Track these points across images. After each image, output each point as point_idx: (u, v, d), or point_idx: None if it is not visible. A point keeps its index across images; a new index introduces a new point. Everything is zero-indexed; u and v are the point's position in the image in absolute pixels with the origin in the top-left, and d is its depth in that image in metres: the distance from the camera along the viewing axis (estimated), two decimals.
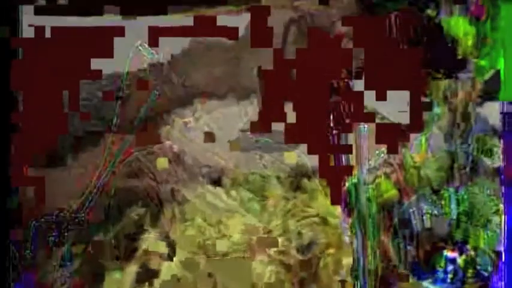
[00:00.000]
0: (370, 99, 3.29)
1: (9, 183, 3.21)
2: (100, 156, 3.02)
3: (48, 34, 3.27)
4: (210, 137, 2.48)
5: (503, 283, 3.22)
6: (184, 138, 2.50)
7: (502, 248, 3.23)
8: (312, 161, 3.05)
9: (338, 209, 3.00)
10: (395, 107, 3.29)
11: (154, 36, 3.19)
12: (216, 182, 2.52)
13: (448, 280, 3.21)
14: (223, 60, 2.84)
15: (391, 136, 3.28)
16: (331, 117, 3.27)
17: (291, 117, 3.25)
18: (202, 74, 2.79)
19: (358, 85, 3.30)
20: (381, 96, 3.28)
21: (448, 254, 3.23)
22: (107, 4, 3.27)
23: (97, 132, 3.25)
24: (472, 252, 3.23)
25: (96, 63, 3.25)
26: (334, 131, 3.25)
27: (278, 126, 3.12)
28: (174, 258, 2.42)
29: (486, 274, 3.23)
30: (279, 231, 2.48)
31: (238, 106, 2.53)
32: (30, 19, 3.28)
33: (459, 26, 3.30)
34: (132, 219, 2.45)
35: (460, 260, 3.22)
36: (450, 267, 3.21)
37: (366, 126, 2.97)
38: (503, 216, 3.24)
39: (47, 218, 2.57)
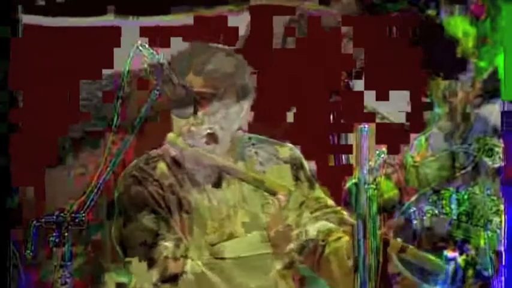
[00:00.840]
0: (370, 99, 3.29)
1: (9, 183, 3.20)
2: (100, 156, 3.00)
3: (48, 34, 3.26)
4: (212, 138, 2.45)
5: (503, 283, 3.22)
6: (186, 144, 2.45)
7: (502, 248, 3.23)
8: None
9: None
10: (395, 107, 3.29)
11: (154, 36, 3.19)
12: (217, 182, 2.50)
13: (448, 280, 3.21)
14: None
15: (392, 136, 3.27)
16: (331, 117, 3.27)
17: (289, 117, 3.25)
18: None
19: (358, 85, 3.30)
20: (381, 96, 3.28)
21: (448, 254, 3.22)
22: (107, 4, 3.27)
23: (97, 132, 3.24)
24: (473, 252, 3.23)
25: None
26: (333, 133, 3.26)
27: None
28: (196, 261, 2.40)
29: (486, 274, 3.22)
30: (295, 225, 2.46)
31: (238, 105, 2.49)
32: (30, 19, 3.28)
33: (459, 26, 3.30)
34: (143, 225, 2.42)
35: (460, 260, 3.22)
36: (450, 267, 3.20)
37: (366, 126, 2.95)
38: (503, 216, 3.24)
39: (47, 218, 2.55)
